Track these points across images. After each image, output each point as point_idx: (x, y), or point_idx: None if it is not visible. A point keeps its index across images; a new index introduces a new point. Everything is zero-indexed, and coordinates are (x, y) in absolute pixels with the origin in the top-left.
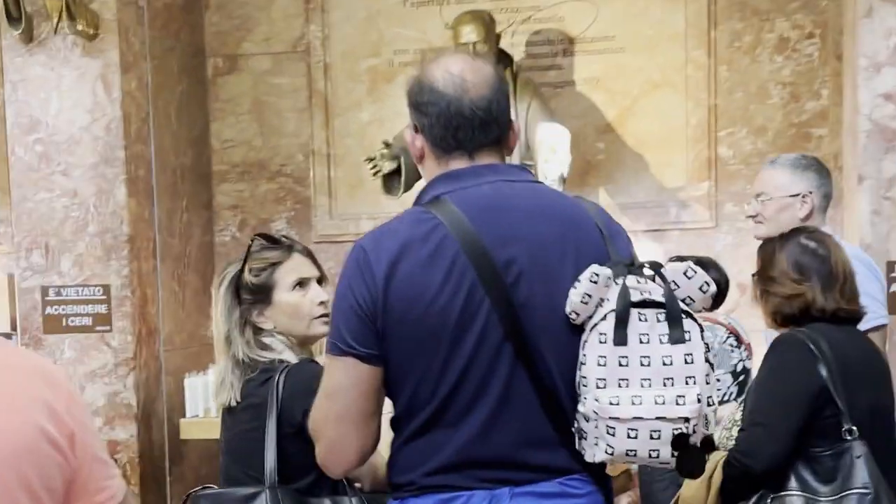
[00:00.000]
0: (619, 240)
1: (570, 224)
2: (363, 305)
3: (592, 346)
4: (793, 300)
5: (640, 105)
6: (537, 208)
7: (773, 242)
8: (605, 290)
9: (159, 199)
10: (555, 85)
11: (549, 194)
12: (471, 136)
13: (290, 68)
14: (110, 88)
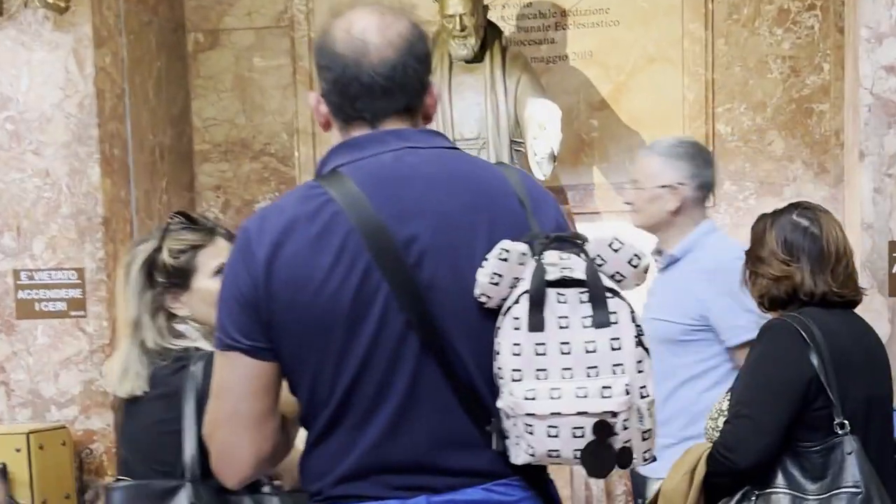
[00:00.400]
0: (543, 211)
1: (484, 194)
2: (245, 293)
3: (506, 334)
4: (780, 282)
5: (635, 80)
6: (445, 177)
7: (764, 219)
8: (519, 269)
9: (137, 179)
10: (547, 59)
11: (461, 161)
12: (370, 104)
13: (273, 44)
14: (83, 64)
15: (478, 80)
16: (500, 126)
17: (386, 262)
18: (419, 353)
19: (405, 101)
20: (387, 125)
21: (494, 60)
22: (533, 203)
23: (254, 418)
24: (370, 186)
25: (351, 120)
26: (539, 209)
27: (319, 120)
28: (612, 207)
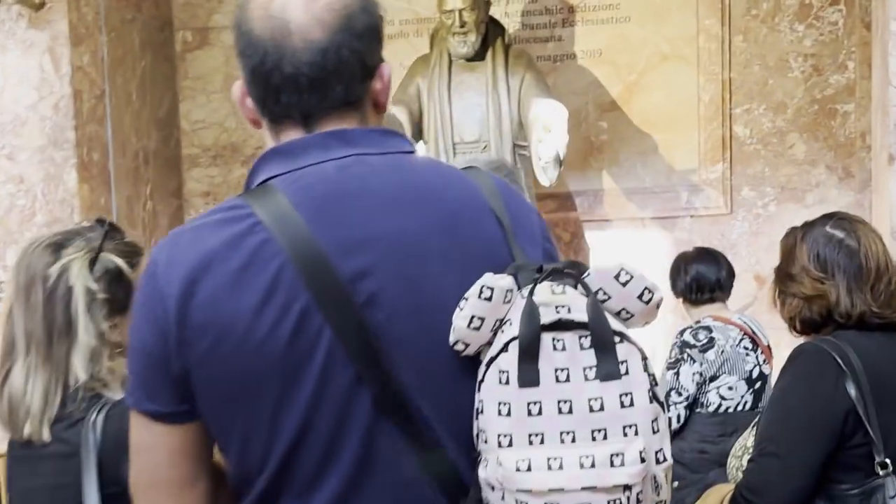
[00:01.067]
0: (526, 230)
1: (453, 213)
2: (151, 345)
3: (491, 389)
4: (813, 302)
5: (647, 80)
6: (403, 192)
7: (795, 232)
8: (503, 309)
9: (118, 185)
10: (554, 58)
11: (423, 170)
12: (298, 100)
13: None
14: (59, 63)
15: (479, 80)
16: (502, 128)
17: (329, 302)
18: (372, 412)
19: (343, 93)
20: (324, 125)
21: (497, 59)
22: (513, 220)
23: (176, 485)
24: (308, 206)
25: (279, 119)
26: (521, 228)
27: (246, 116)
28: (623, 214)
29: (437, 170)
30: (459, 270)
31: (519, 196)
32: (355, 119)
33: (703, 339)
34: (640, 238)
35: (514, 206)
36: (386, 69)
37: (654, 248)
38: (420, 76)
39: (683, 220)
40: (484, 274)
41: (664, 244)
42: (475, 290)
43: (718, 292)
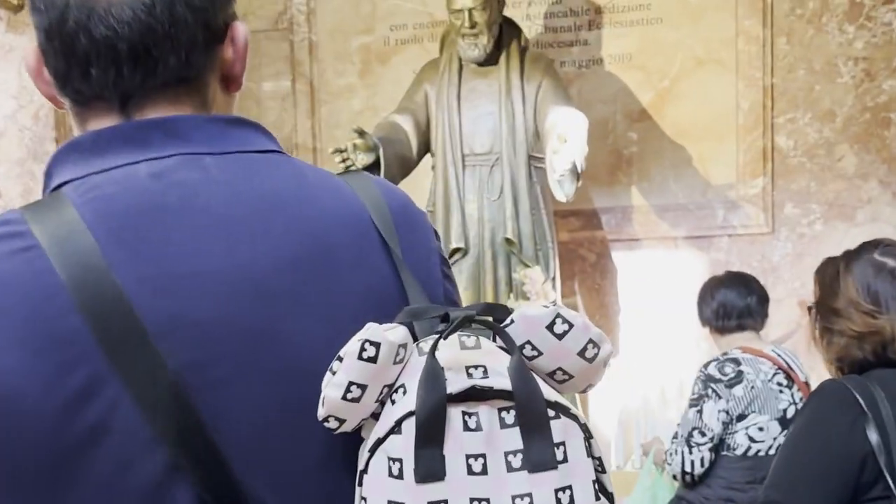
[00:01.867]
0: (422, 261)
1: (319, 237)
2: None
3: (377, 484)
4: (865, 339)
5: (681, 86)
6: (248, 208)
7: (835, 262)
8: (393, 372)
9: None
10: (579, 63)
11: (281, 177)
12: (115, 75)
13: (270, 48)
14: None
15: (491, 86)
16: (516, 139)
17: (128, 363)
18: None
19: (178, 66)
20: (149, 110)
21: (511, 63)
22: (405, 242)
23: None
24: (107, 225)
25: (87, 101)
26: (416, 258)
27: (45, 94)
28: (654, 233)
29: (301, 176)
30: (328, 318)
31: (413, 211)
32: (193, 102)
33: (731, 373)
34: (672, 259)
35: (407, 226)
36: (241, 30)
37: (687, 270)
38: (428, 82)
39: (720, 240)
40: (365, 323)
41: (699, 266)
42: (354, 346)
43: (748, 319)
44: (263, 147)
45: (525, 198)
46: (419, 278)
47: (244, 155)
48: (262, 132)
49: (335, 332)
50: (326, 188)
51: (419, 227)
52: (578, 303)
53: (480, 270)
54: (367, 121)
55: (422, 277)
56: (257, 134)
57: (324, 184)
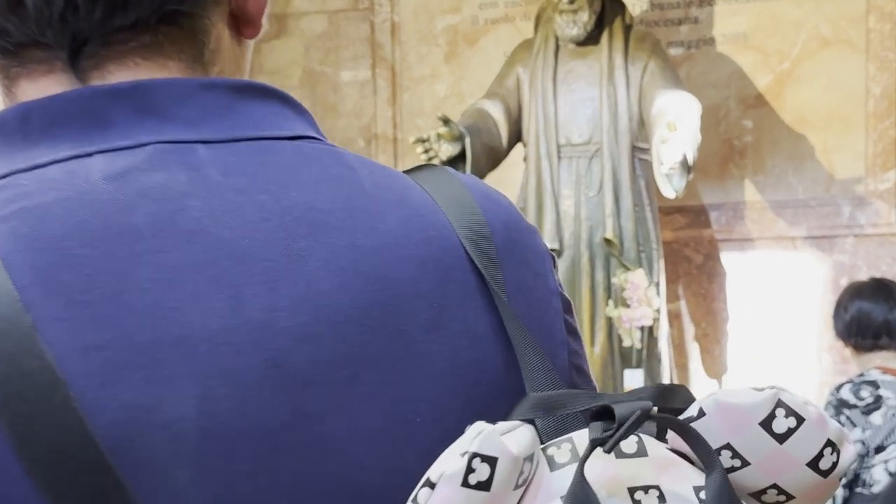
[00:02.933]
0: (535, 302)
1: (375, 273)
2: None
3: None
4: None
5: (803, 69)
6: (264, 231)
7: None
8: (511, 500)
9: None
10: (688, 44)
11: (316, 176)
12: (63, 6)
13: (349, 30)
14: None
15: (591, 68)
16: (618, 127)
17: (69, 484)
18: None
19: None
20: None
21: (614, 42)
22: (513, 281)
23: None
24: (35, 260)
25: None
26: (526, 295)
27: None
28: (769, 232)
29: (351, 179)
30: (392, 411)
31: (524, 230)
32: (182, 56)
33: (867, 398)
34: (789, 262)
35: (517, 255)
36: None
37: (807, 274)
38: (521, 64)
39: (845, 241)
40: (453, 417)
41: (820, 269)
42: (454, 463)
43: (886, 338)
44: (292, 131)
45: (627, 193)
46: (537, 337)
47: (261, 143)
48: (292, 106)
49: (403, 433)
50: (391, 198)
51: (534, 256)
52: (683, 309)
53: (576, 274)
54: (452, 108)
55: (541, 336)
56: (283, 108)
57: (387, 190)
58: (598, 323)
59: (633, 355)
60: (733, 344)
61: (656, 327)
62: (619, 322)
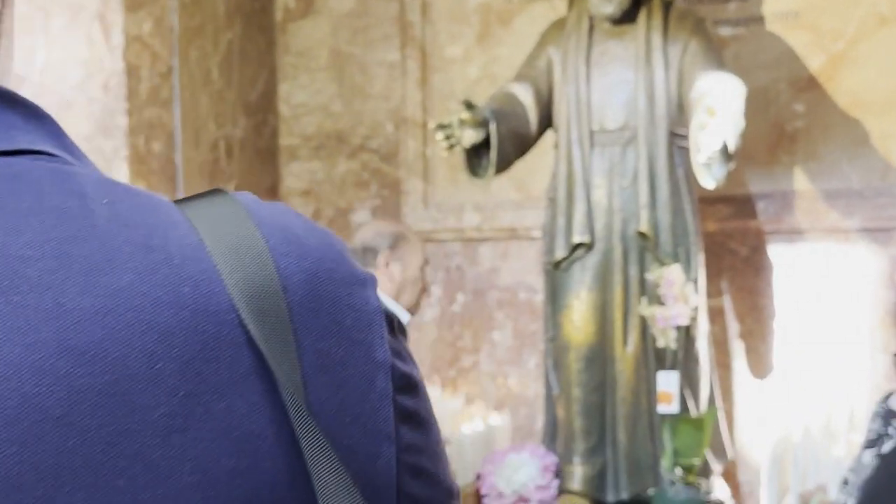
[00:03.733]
0: (348, 381)
1: (99, 350)
2: None
3: None
4: None
5: (860, 50)
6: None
7: None
8: None
9: (188, 181)
10: (735, 22)
11: (33, 208)
12: None
13: (377, 9)
14: (109, 32)
15: (627, 49)
16: (655, 112)
17: None
18: None
19: None
20: None
21: (652, 21)
22: (312, 353)
23: None
24: None
25: None
26: (334, 373)
27: None
28: (821, 224)
29: (81, 212)
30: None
31: (339, 281)
32: None
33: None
34: (842, 255)
35: (323, 317)
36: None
37: (860, 269)
38: (553, 45)
39: None
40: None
41: (875, 264)
42: None
43: None
44: (10, 144)
45: (664, 183)
46: (350, 431)
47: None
48: (22, 109)
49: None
50: (135, 239)
51: (352, 317)
52: (727, 305)
53: (608, 269)
54: (484, 91)
55: (354, 430)
56: (9, 114)
57: (131, 229)
58: (631, 321)
59: (668, 356)
60: (780, 343)
61: (694, 326)
62: (653, 321)
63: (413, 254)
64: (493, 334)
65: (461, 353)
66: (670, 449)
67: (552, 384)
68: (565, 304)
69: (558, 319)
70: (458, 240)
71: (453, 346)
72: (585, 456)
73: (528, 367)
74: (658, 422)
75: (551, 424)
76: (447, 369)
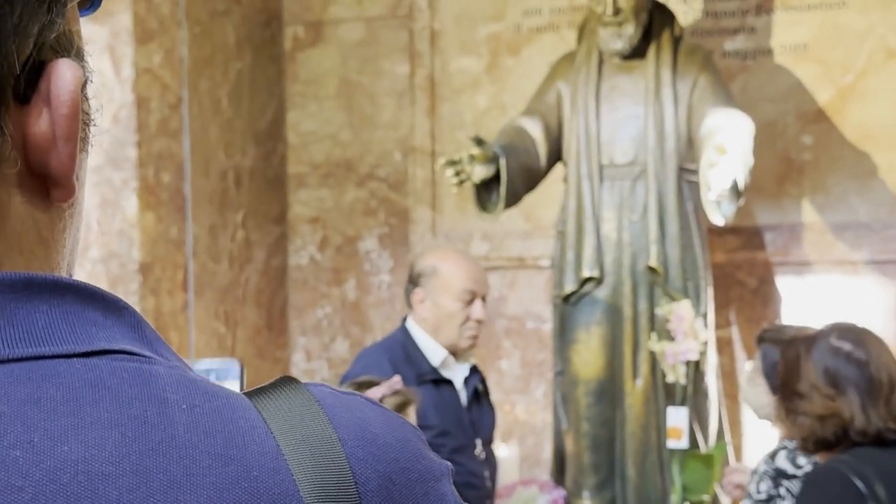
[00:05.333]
0: None
1: None
2: None
3: None
4: (826, 421)
5: (868, 83)
6: (21, 497)
7: (796, 346)
8: None
9: (197, 212)
10: (744, 54)
11: (113, 417)
12: None
13: (387, 38)
14: (120, 65)
15: (637, 84)
16: (665, 147)
17: None
18: None
19: None
20: None
21: (662, 56)
22: None
23: None
24: None
25: None
26: None
27: None
28: (829, 256)
29: (156, 416)
30: None
31: (429, 485)
32: None
33: (806, 465)
34: (850, 288)
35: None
36: (68, 78)
37: (868, 301)
38: (562, 79)
39: None
40: None
41: (883, 297)
42: None
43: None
44: (90, 344)
45: (674, 218)
46: None
47: (36, 365)
48: (101, 304)
49: None
50: (213, 449)
51: None
52: (735, 336)
53: (617, 303)
54: (493, 121)
55: None
56: (84, 309)
57: (210, 437)
58: (641, 355)
59: (678, 391)
60: None
61: (703, 361)
62: (663, 357)
63: (444, 290)
64: (501, 363)
65: None
66: (679, 484)
67: (561, 418)
68: (574, 338)
69: (567, 354)
70: None
71: None
72: (595, 490)
73: (535, 396)
74: (667, 457)
75: (559, 458)
76: None
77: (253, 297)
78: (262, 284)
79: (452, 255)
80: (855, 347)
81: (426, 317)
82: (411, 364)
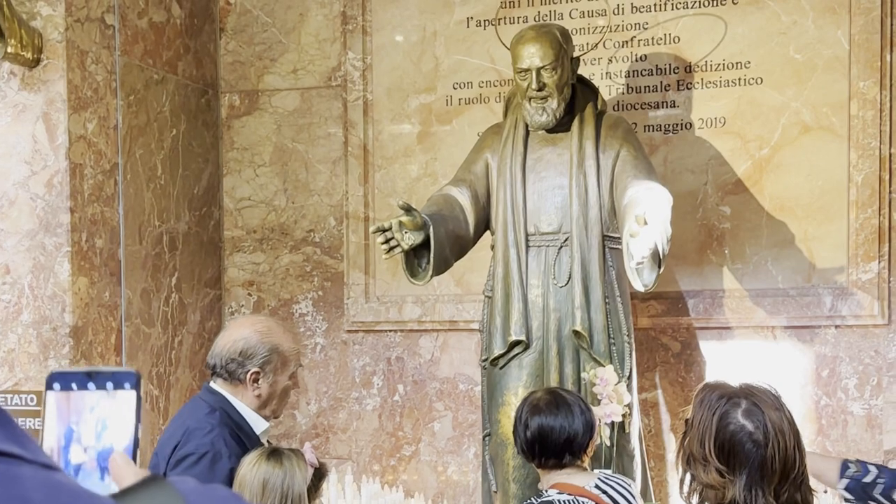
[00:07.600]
0: None
1: None
2: None
3: None
4: (709, 491)
5: (783, 155)
6: None
7: (710, 404)
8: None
9: (130, 276)
10: (665, 128)
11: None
12: None
13: (321, 108)
14: (54, 131)
15: (561, 156)
16: (588, 217)
17: None
18: None
19: None
20: None
21: (585, 129)
22: None
23: None
24: None
25: None
26: None
27: None
28: (749, 321)
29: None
30: None
31: None
32: None
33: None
34: (769, 352)
35: None
36: None
37: (787, 365)
38: (489, 150)
39: (827, 332)
40: None
41: (801, 361)
42: None
43: (568, 456)
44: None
45: (597, 284)
46: None
47: None
48: None
49: None
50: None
51: None
52: (660, 398)
53: (544, 367)
54: (425, 188)
55: None
56: None
57: None
58: None
59: (604, 452)
60: None
61: (627, 423)
62: None
63: (284, 368)
64: (434, 425)
65: (402, 442)
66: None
67: (490, 479)
68: (503, 401)
69: (496, 416)
70: (399, 331)
71: (394, 435)
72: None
73: (467, 456)
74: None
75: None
76: (388, 458)
77: (187, 359)
78: (196, 346)
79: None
80: (756, 428)
81: (256, 395)
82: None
